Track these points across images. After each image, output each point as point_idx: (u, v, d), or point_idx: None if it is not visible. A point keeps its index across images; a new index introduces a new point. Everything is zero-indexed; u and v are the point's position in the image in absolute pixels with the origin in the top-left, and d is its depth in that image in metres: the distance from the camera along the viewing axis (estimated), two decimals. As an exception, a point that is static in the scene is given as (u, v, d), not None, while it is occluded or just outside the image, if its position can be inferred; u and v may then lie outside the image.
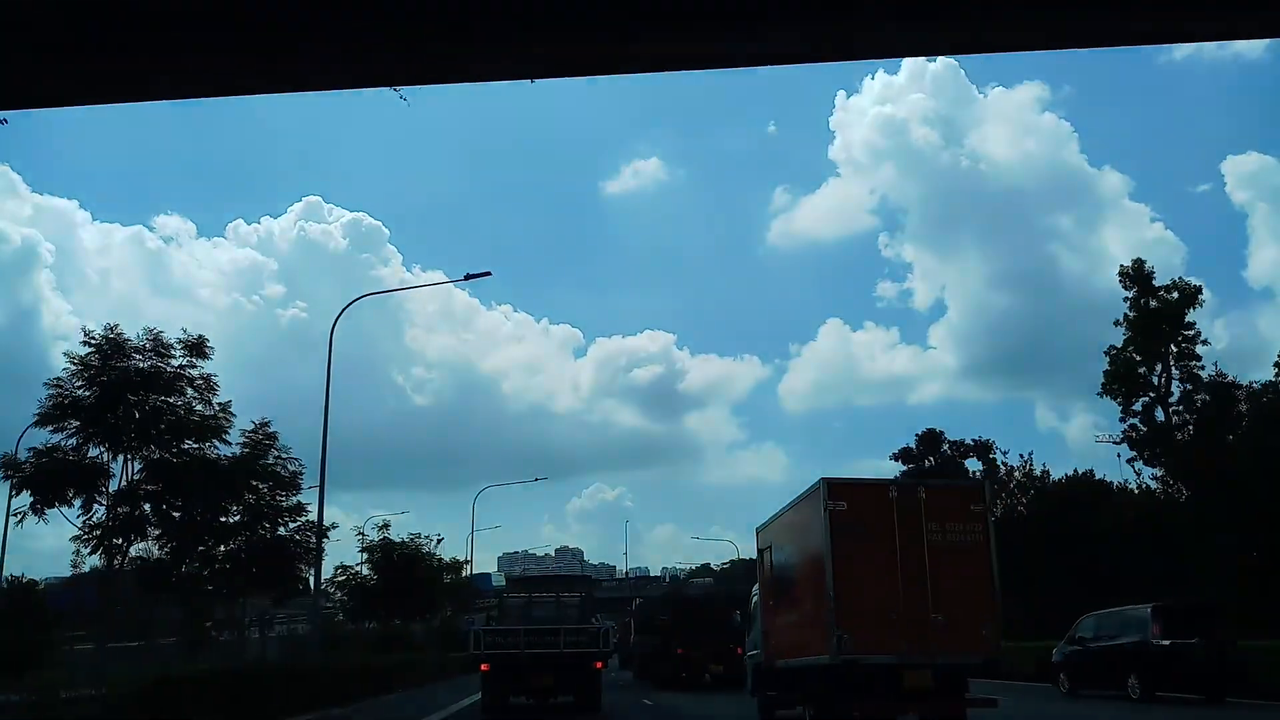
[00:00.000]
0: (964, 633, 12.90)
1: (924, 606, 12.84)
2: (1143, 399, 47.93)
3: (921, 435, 63.51)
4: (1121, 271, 48.27)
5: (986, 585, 13.19)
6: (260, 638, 31.56)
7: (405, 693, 29.47)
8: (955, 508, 13.55)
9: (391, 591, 36.54)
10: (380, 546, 36.94)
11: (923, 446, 63.24)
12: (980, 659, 13.51)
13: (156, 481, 20.26)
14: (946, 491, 14.93)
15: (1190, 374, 46.91)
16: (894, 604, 12.83)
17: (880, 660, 12.81)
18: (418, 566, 38.30)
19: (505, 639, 18.70)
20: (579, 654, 18.28)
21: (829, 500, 13.15)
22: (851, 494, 13.50)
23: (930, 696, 13.00)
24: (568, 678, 18.50)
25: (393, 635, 40.22)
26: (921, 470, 61.82)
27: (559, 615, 20.03)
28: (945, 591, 12.92)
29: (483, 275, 28.20)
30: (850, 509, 13.19)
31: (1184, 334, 46.84)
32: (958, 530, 13.24)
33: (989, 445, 61.54)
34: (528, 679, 18.47)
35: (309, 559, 25.99)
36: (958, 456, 62.46)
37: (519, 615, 20.50)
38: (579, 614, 20.26)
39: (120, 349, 19.13)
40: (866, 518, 13.21)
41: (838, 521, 13.04)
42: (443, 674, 39.34)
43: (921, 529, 13.12)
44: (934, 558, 13.01)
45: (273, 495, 25.72)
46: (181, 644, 23.47)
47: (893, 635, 12.75)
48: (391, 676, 30.08)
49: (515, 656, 18.24)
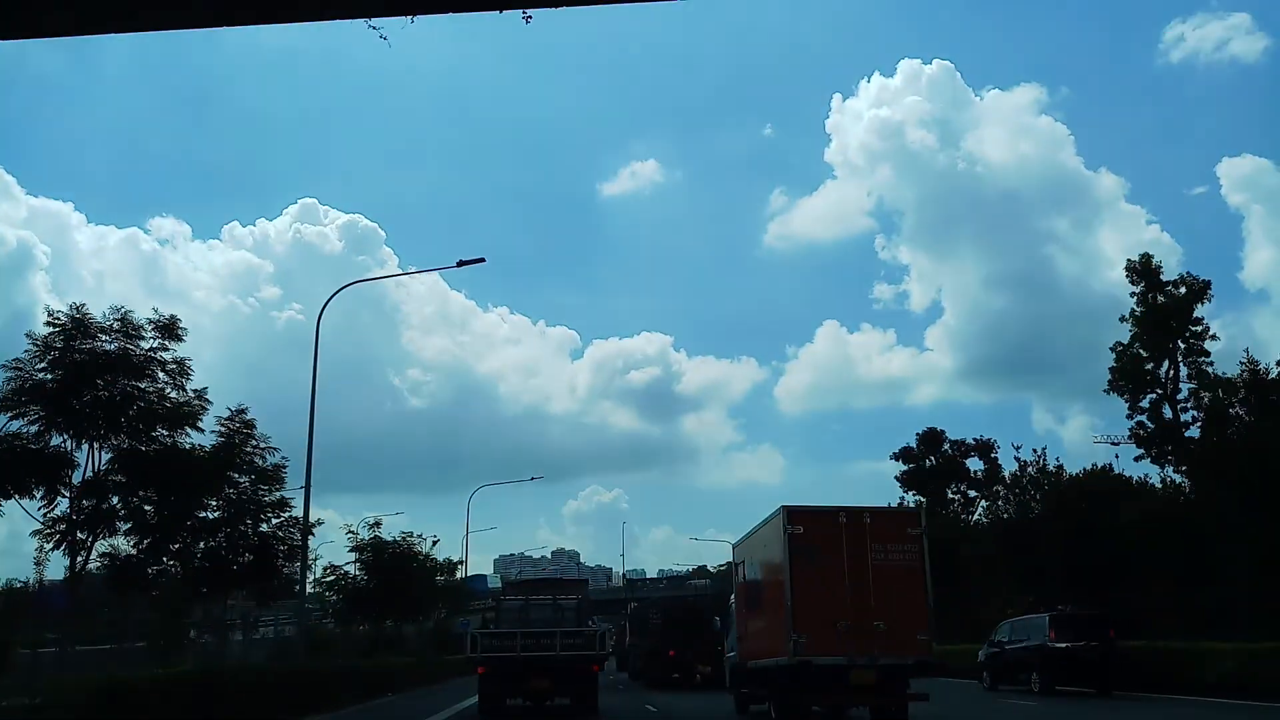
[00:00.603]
0: (902, 638, 15.16)
1: (868, 615, 15.10)
2: (1150, 395, 46.79)
3: (922, 435, 62.50)
4: (1129, 266, 46.92)
5: (922, 597, 15.40)
6: (244, 640, 30.00)
7: (395, 697, 28.03)
8: (895, 532, 15.80)
9: (382, 592, 35.00)
10: (371, 545, 35.39)
11: (923, 446, 62.16)
12: (916, 660, 15.45)
13: (126, 472, 18.72)
14: (888, 517, 17.15)
15: (1199, 370, 45.75)
16: (843, 613, 15.11)
17: (830, 661, 15.15)
18: (410, 566, 36.74)
19: (502, 642, 18.71)
20: (575, 657, 18.18)
21: (788, 525, 15.57)
22: (807, 519, 15.79)
23: (874, 692, 15.44)
24: (564, 680, 18.45)
25: (384, 638, 38.58)
26: (922, 470, 61.07)
27: (556, 618, 19.98)
28: (886, 603, 15.20)
29: (476, 261, 26.76)
30: (806, 532, 15.57)
31: (1192, 329, 45.70)
32: (897, 551, 15.52)
33: (990, 444, 60.46)
34: (525, 681, 18.36)
35: (293, 556, 24.53)
36: (958, 456, 61.32)
37: (516, 618, 20.43)
38: (576, 617, 20.22)
39: (85, 329, 17.63)
40: (820, 540, 15.49)
41: (795, 543, 15.45)
42: (436, 677, 37.91)
43: (866, 550, 15.43)
44: (877, 574, 15.32)
45: (254, 489, 24.28)
46: (154, 647, 21.92)
47: (841, 640, 15.02)
48: (382, 680, 28.63)
49: (512, 659, 18.13)
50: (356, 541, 35.31)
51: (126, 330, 18.14)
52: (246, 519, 24.23)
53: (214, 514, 24.15)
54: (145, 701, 13.11)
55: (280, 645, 30.75)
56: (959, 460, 60.80)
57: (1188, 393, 45.98)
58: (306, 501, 25.70)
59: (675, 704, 23.09)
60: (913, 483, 60.43)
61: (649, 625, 34.70)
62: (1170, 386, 45.89)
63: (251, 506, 24.15)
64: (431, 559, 40.89)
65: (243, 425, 21.49)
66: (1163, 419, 45.99)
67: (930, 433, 62.39)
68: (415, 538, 37.54)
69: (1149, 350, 46.49)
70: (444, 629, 51.84)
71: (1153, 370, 46.37)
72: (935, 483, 59.71)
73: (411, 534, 37.48)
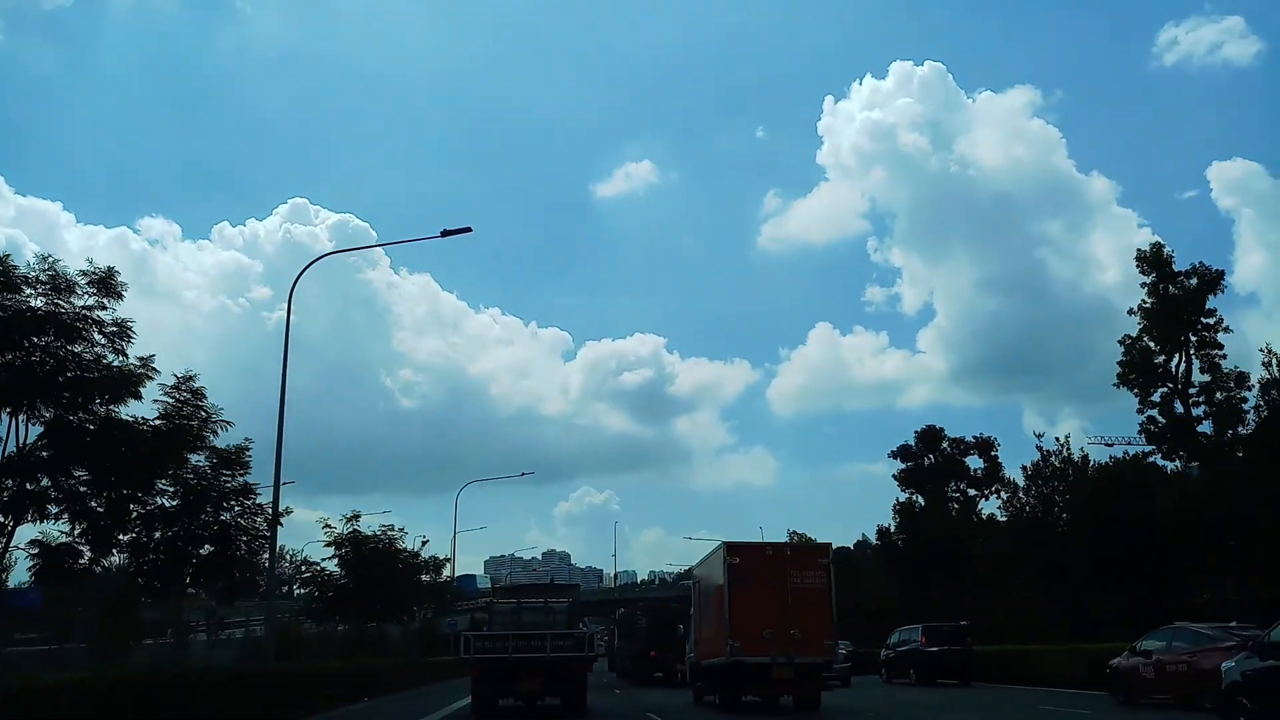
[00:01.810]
0: (812, 643, 18.95)
1: (787, 626, 18.75)
2: (1161, 389, 44.59)
3: (921, 433, 60.58)
4: (1138, 256, 44.84)
5: (828, 612, 19.22)
6: (209, 641, 27.29)
7: (372, 702, 25.41)
8: (809, 562, 19.68)
9: (364, 590, 32.29)
10: (349, 540, 32.64)
11: (922, 444, 60.16)
12: (823, 659, 19.52)
13: (57, 448, 16.06)
14: (803, 551, 22.48)
15: (1212, 364, 43.57)
16: (768, 624, 18.78)
17: (758, 660, 18.87)
18: (391, 562, 33.98)
19: (495, 643, 19.08)
20: (565, 658, 18.60)
21: (727, 557, 19.42)
22: (742, 553, 19.75)
23: (792, 684, 19.36)
24: (554, 681, 18.87)
25: (367, 639, 35.70)
26: (921, 468, 58.94)
27: (547, 621, 20.34)
28: (800, 616, 18.85)
29: (461, 231, 24.17)
30: (741, 563, 19.34)
31: (1204, 321, 43.56)
32: (810, 578, 19.24)
33: (991, 442, 58.62)
34: (516, 682, 18.72)
35: (258, 548, 21.90)
36: (957, 454, 59.33)
37: (508, 621, 20.88)
38: (566, 620, 20.66)
39: (7, 281, 14.99)
40: (752, 569, 19.28)
41: (732, 571, 19.19)
42: (420, 680, 35.29)
43: (786, 576, 19.16)
44: (794, 595, 19.01)
45: (216, 474, 21.65)
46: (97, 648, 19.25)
47: (766, 644, 18.72)
48: (359, 683, 26.01)
49: (504, 660, 18.52)
50: (334, 536, 32.57)
51: (55, 284, 15.45)
52: (207, 506, 21.58)
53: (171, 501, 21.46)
54: (52, 709, 10.59)
55: (251, 646, 28.02)
56: (958, 459, 58.93)
57: (1199, 387, 44.06)
58: (276, 489, 23.13)
59: (651, 697, 26.20)
60: (911, 481, 58.36)
61: (635, 629, 37.19)
62: (1182, 380, 43.84)
63: (213, 493, 21.51)
64: (416, 556, 38.21)
65: (191, 394, 18.80)
66: (1174, 413, 43.92)
67: (929, 431, 60.41)
68: (397, 532, 34.73)
69: (1159, 343, 44.34)
70: (430, 629, 49.07)
71: (1164, 363, 44.36)
72: (934, 481, 57.77)
73: (392, 527, 34.63)
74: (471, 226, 25.08)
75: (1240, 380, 42.66)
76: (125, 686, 13.53)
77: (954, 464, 59.10)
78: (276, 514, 23.12)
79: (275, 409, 22.85)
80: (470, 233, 25.02)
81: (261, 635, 30.43)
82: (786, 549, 22.27)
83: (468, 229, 25.07)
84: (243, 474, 22.07)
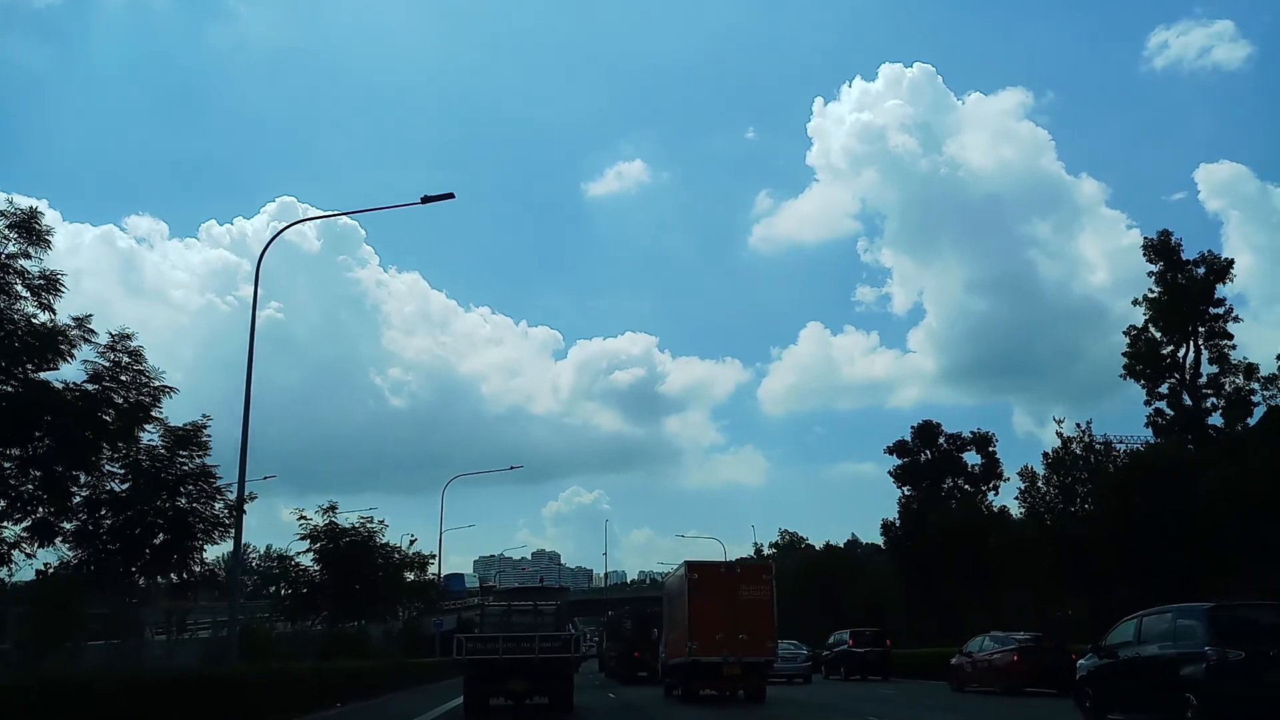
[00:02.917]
0: (757, 645, 21.75)
1: (736, 630, 21.57)
2: (1169, 381, 42.78)
3: (917, 428, 58.82)
4: (1146, 244, 43.00)
5: (770, 619, 22.01)
6: (168, 641, 24.88)
7: (347, 707, 23.06)
8: (755, 578, 22.74)
9: (340, 586, 29.88)
10: (325, 532, 30.19)
11: (919, 440, 58.37)
12: (765, 659, 22.20)
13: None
14: (751, 568, 26.86)
15: (1221, 354, 41.79)
16: (720, 629, 21.60)
17: (711, 660, 21.65)
18: (371, 557, 31.54)
19: (485, 645, 19.46)
20: (552, 659, 19.03)
21: (688, 574, 22.76)
22: (700, 570, 23.09)
23: (740, 679, 21.99)
24: (542, 680, 19.26)
25: (345, 639, 33.06)
26: (917, 464, 57.13)
27: (536, 623, 20.88)
28: (747, 623, 21.70)
29: (445, 197, 21.95)
30: (699, 578, 22.46)
31: (1213, 311, 41.77)
32: (756, 589, 22.14)
33: (988, 437, 56.89)
34: (506, 682, 19.12)
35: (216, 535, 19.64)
36: (954, 450, 57.58)
37: (499, 623, 21.59)
38: (554, 622, 21.18)
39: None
40: (707, 583, 22.31)
41: (692, 585, 22.23)
42: (401, 683, 32.76)
43: (737, 589, 22.06)
44: (742, 605, 21.84)
45: (170, 454, 19.41)
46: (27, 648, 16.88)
47: (719, 646, 21.58)
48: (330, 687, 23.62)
49: (494, 661, 18.94)
50: (309, 529, 30.11)
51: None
52: (163, 491, 19.33)
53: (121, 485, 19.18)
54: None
55: (217, 648, 25.58)
56: (955, 454, 57.17)
57: (1207, 378, 42.26)
58: (242, 472, 20.86)
59: (631, 694, 28.17)
60: (907, 477, 56.58)
61: (621, 630, 38.87)
62: (1190, 372, 42.03)
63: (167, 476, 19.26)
64: (399, 551, 35.80)
65: (129, 355, 16.46)
66: (1182, 405, 42.10)
67: (926, 426, 58.65)
68: (376, 524, 32.25)
69: (1166, 333, 42.58)
70: (415, 630, 46.60)
71: (1171, 354, 42.56)
72: (931, 477, 56.01)
73: (371, 519, 32.15)
74: (454, 193, 22.89)
75: (1250, 372, 41.04)
76: (56, 691, 11.28)
77: (951, 460, 57.37)
78: (241, 498, 20.85)
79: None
80: (453, 199, 22.87)
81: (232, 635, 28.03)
82: (737, 567, 27.05)
83: (450, 195, 22.92)
84: (201, 455, 19.85)
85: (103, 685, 12.96)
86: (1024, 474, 29.13)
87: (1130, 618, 14.65)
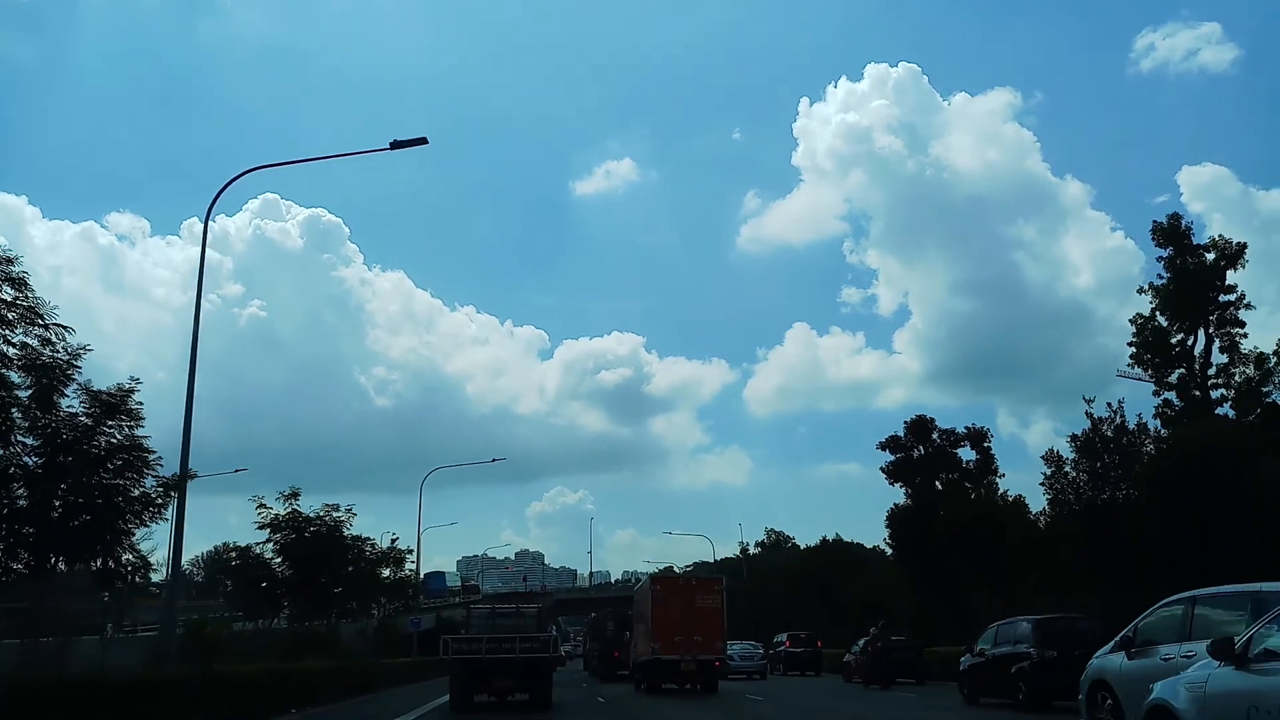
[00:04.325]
0: (709, 645, 25.30)
1: (692, 633, 25.16)
2: (1178, 370, 40.51)
3: (911, 423, 56.19)
4: (1154, 228, 40.57)
5: (720, 624, 25.70)
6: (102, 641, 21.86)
7: (303, 713, 20.12)
8: (709, 588, 26.41)
9: (304, 581, 26.86)
10: (287, 521, 27.18)
11: (912, 436, 55.77)
12: (716, 657, 25.70)
13: None
14: (705, 582, 27.82)
15: (1232, 343, 39.57)
16: (679, 632, 25.18)
17: (671, 658, 25.17)
18: (339, 551, 28.50)
19: (470, 645, 20.06)
20: (533, 659, 19.55)
21: (653, 586, 27.11)
22: (663, 582, 27.78)
23: (695, 675, 25.35)
24: (523, 679, 19.88)
25: (313, 637, 29.83)
26: (910, 460, 54.79)
27: (519, 625, 21.44)
28: (701, 627, 25.28)
29: (417, 142, 19.18)
30: (662, 588, 26.57)
31: (1225, 298, 39.52)
32: (709, 599, 25.75)
33: (983, 433, 54.41)
34: (489, 680, 19.85)
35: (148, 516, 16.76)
36: (948, 446, 55.28)
37: (484, 625, 22.18)
38: (536, 624, 21.75)
39: None
40: (670, 593, 26.10)
41: (655, 595, 26.14)
42: (373, 684, 29.67)
43: (693, 598, 25.72)
44: (698, 612, 25.44)
45: (96, 423, 16.57)
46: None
47: (677, 646, 25.11)
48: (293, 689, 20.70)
49: (478, 661, 19.52)
50: (269, 518, 27.07)
51: None
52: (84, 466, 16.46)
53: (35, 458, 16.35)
54: None
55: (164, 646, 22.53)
56: (950, 451, 54.88)
57: (1217, 368, 40.03)
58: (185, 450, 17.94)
59: (609, 690, 29.40)
60: (900, 474, 54.20)
61: (603, 631, 40.14)
62: (1201, 361, 39.76)
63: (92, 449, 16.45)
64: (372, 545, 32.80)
65: (10, 284, 13.57)
66: (1192, 397, 39.85)
67: (919, 421, 56.19)
68: (343, 513, 29.20)
69: (1175, 320, 40.30)
70: (391, 628, 43.54)
71: (1181, 342, 40.32)
72: (925, 473, 53.70)
73: (337, 507, 29.08)
74: (427, 138, 20.11)
75: (1260, 361, 38.88)
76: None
77: (945, 456, 55.08)
78: (185, 476, 17.91)
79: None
80: (426, 144, 20.08)
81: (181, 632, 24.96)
82: (693, 580, 29.54)
83: (423, 140, 20.16)
84: (132, 426, 16.96)
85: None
86: (1049, 458, 26.68)
87: (991, 625, 19.44)
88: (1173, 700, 7.12)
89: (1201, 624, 9.40)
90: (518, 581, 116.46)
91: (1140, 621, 10.49)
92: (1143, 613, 10.62)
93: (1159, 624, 10.24)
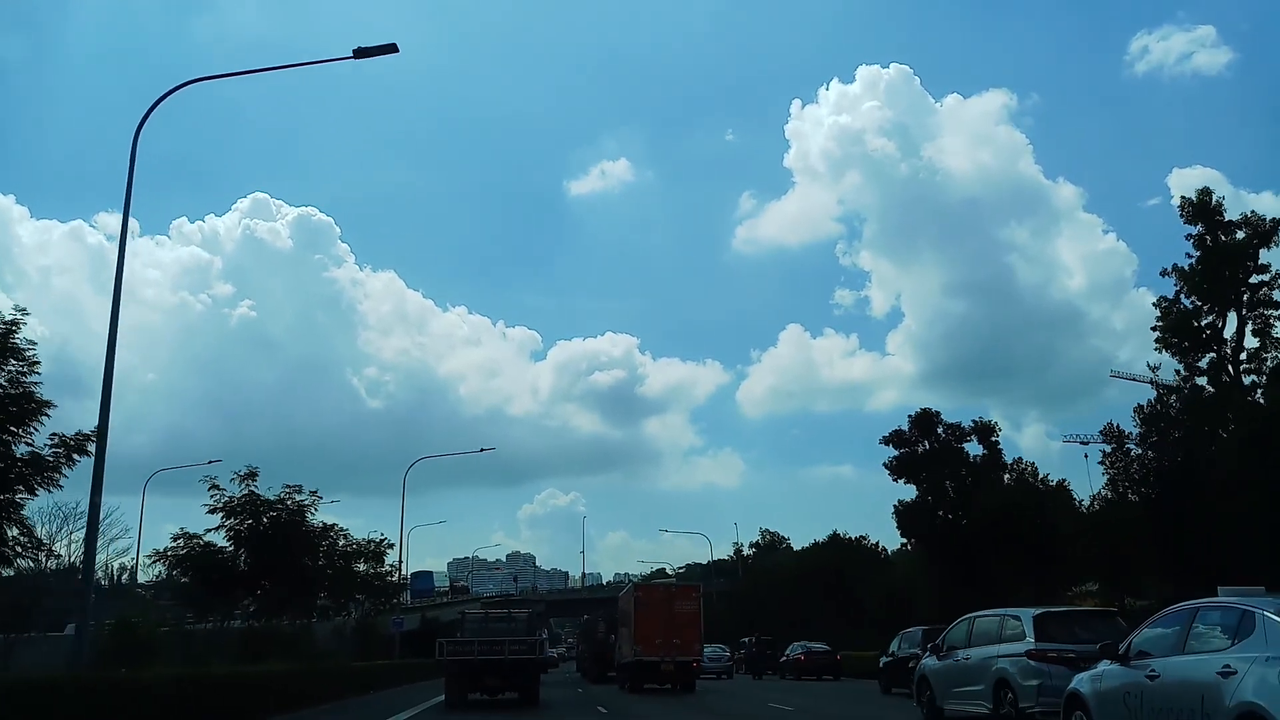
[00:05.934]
0: (687, 648, 27.04)
1: (671, 636, 26.80)
2: (1209, 355, 37.41)
3: (915, 417, 53.11)
4: (1183, 203, 37.54)
5: (697, 628, 27.55)
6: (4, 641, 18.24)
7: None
8: (686, 596, 28.34)
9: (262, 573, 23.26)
10: (243, 505, 23.59)
11: (916, 430, 52.68)
12: (694, 659, 27.51)
13: None
14: (683, 589, 29.96)
15: (1265, 324, 36.49)
16: (659, 635, 26.80)
17: (652, 659, 26.76)
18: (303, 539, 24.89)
19: (463, 648, 21.24)
20: (521, 660, 20.80)
21: (635, 593, 29.03)
22: (645, 590, 30.02)
23: (674, 676, 26.86)
24: (512, 678, 21.12)
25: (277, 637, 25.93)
26: (915, 456, 51.73)
27: (509, 629, 22.58)
28: (680, 631, 26.95)
29: (386, 49, 15.75)
30: (643, 595, 28.48)
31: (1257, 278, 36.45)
32: (687, 605, 27.65)
33: (991, 427, 51.44)
34: (481, 679, 21.12)
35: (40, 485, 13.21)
36: (954, 440, 52.21)
37: (477, 628, 23.01)
38: (525, 628, 22.79)
39: None
40: (651, 600, 28.05)
41: (638, 601, 27.93)
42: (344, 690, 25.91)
43: (673, 604, 27.55)
44: (677, 616, 27.13)
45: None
46: None
47: (658, 649, 26.74)
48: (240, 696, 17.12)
49: (471, 662, 20.76)
50: (222, 501, 23.44)
51: None
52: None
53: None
54: None
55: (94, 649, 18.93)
56: (955, 445, 51.78)
57: (1248, 354, 36.94)
58: (105, 411, 14.42)
59: (595, 690, 30.35)
60: (904, 469, 51.05)
61: (594, 634, 40.54)
62: (1233, 343, 36.65)
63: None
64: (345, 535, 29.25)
65: None
66: (1223, 382, 36.73)
67: (924, 415, 53.08)
68: (306, 495, 25.57)
69: (1204, 300, 37.17)
70: (370, 628, 39.90)
71: (1211, 324, 37.25)
72: (930, 468, 50.61)
73: (300, 489, 25.41)
74: (397, 45, 16.70)
75: (1293, 348, 35.79)
76: None
77: (951, 450, 51.94)
78: (103, 442, 14.40)
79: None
80: (396, 52, 16.67)
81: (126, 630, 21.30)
82: (673, 587, 31.03)
83: (392, 47, 16.77)
84: (21, 367, 13.43)
85: None
86: (1107, 433, 23.35)
87: (900, 633, 24.23)
88: (1080, 688, 9.39)
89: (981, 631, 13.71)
90: (508, 582, 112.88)
91: (948, 631, 14.22)
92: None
93: (959, 635, 14.25)
